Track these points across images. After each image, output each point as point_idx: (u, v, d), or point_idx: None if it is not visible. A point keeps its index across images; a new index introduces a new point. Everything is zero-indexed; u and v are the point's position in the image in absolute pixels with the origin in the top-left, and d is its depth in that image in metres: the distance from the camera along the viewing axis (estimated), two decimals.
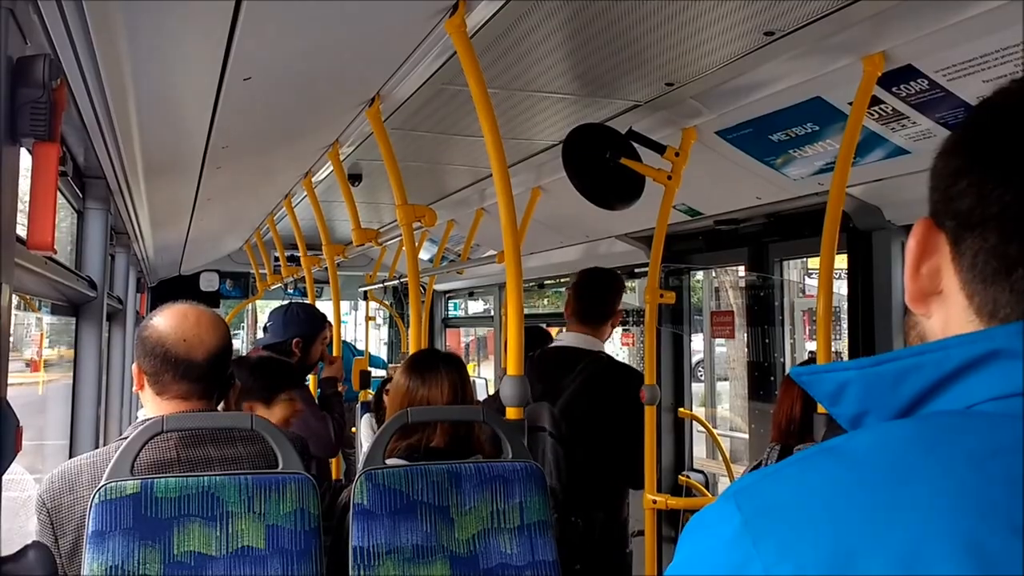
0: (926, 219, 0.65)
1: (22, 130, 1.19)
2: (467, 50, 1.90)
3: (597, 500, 2.96)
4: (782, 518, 0.53)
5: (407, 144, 3.24)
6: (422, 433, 2.17)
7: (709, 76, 2.37)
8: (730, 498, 0.56)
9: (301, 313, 3.76)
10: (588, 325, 3.14)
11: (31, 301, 2.91)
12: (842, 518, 0.51)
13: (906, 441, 0.55)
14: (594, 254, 4.35)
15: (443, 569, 1.87)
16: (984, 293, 0.60)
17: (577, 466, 2.86)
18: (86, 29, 1.55)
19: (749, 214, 3.27)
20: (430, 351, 2.53)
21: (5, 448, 1.17)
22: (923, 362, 0.58)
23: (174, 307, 1.94)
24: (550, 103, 2.72)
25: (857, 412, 0.62)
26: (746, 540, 0.52)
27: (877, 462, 0.54)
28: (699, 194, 3.16)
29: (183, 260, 7.07)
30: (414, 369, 2.27)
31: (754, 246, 3.54)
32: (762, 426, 3.40)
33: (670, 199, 2.75)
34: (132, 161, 2.77)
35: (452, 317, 7.85)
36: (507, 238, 2.01)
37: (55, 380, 4.20)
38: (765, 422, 3.32)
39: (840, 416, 0.63)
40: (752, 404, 3.65)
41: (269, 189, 4.35)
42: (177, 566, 1.67)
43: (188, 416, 1.85)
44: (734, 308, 4.39)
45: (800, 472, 0.56)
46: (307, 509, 1.78)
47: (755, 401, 3.62)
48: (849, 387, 0.62)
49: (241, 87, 2.19)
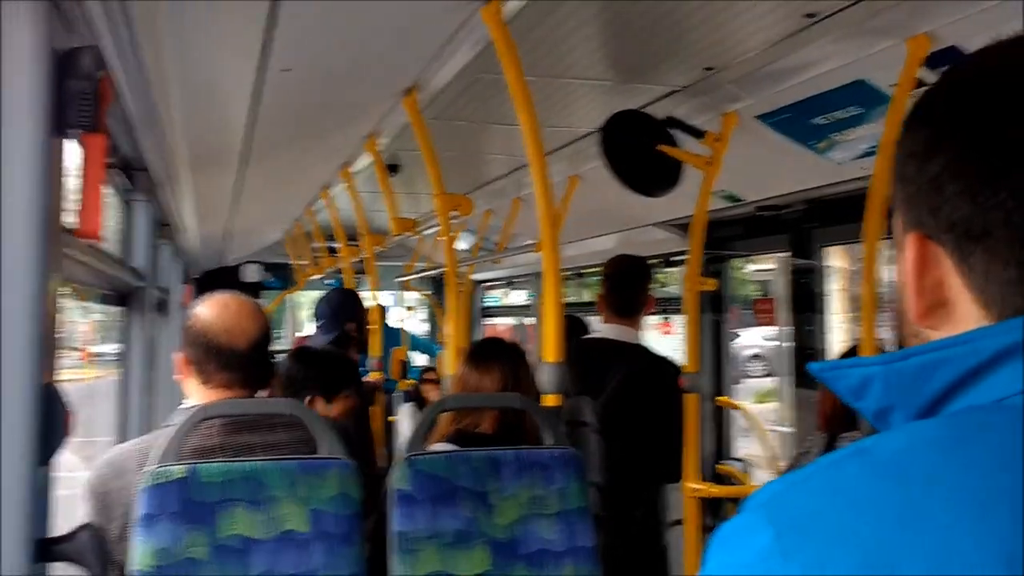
0: (917, 234, 0.60)
1: (69, 121, 1.22)
2: (503, 38, 1.90)
3: (637, 495, 2.96)
4: (813, 531, 0.51)
5: (444, 133, 3.25)
6: (472, 419, 2.22)
7: (749, 60, 2.34)
8: (758, 509, 0.54)
9: (345, 298, 3.80)
10: (625, 317, 3.14)
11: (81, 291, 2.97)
12: (873, 528, 0.49)
13: (936, 442, 0.53)
14: (632, 242, 4.32)
15: (483, 554, 1.89)
16: (1003, 300, 0.56)
17: (617, 461, 2.86)
18: (129, 20, 1.58)
19: (791, 200, 3.23)
20: (490, 341, 2.59)
21: (57, 431, 1.21)
22: (950, 355, 0.56)
23: (216, 297, 1.97)
24: (587, 90, 2.71)
25: (882, 407, 0.60)
26: (777, 555, 0.50)
27: (907, 467, 0.52)
28: (739, 180, 3.13)
29: (226, 251, 7.17)
30: (470, 358, 2.38)
31: (796, 232, 3.50)
32: (806, 415, 3.37)
33: (710, 185, 2.73)
34: (175, 153, 2.82)
35: (491, 306, 7.85)
36: (544, 227, 2.02)
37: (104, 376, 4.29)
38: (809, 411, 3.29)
39: (864, 411, 0.62)
40: (797, 392, 3.61)
41: (308, 180, 4.38)
42: (223, 549, 1.70)
43: (230, 402, 1.89)
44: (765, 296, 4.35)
45: (830, 479, 0.54)
46: (349, 494, 1.80)
47: (801, 389, 3.59)
48: (873, 382, 0.60)
49: (280, 78, 2.22)
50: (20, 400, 1.18)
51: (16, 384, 1.17)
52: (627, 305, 3.14)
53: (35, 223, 1.16)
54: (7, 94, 1.14)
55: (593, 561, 1.94)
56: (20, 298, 1.16)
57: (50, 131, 1.18)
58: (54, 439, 1.23)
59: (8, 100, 1.14)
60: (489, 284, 7.45)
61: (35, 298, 1.17)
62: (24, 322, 1.16)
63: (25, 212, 1.15)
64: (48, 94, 1.17)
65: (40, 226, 1.16)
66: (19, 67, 1.14)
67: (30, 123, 1.15)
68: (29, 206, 1.15)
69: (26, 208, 1.15)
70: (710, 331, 4.12)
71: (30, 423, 1.18)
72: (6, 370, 1.16)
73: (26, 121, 1.15)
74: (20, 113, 1.15)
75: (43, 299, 1.18)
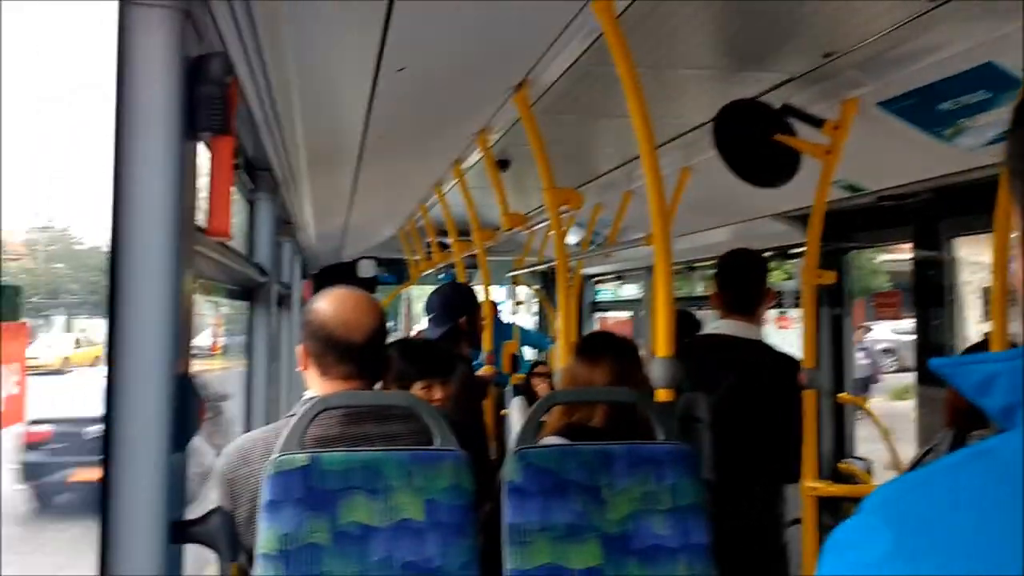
0: None
1: (200, 124, 1.29)
2: (614, 30, 1.90)
3: (750, 494, 2.90)
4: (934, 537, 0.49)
5: (554, 128, 3.25)
6: (583, 413, 2.22)
7: (870, 44, 2.26)
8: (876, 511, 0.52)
9: (457, 292, 3.85)
10: (741, 313, 3.07)
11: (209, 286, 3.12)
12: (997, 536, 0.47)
13: None
14: (747, 235, 4.23)
15: (595, 549, 1.89)
16: None
17: (732, 459, 2.81)
18: (254, 28, 1.65)
19: (915, 189, 3.10)
20: (600, 335, 2.59)
21: (191, 419, 1.27)
22: None
23: (334, 292, 2.04)
24: (700, 80, 2.66)
25: (1008, 404, 0.57)
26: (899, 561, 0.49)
27: None
28: (860, 169, 3.02)
29: (343, 247, 7.38)
30: (579, 351, 2.37)
31: (921, 222, 3.36)
32: (932, 412, 3.23)
33: (829, 175, 2.65)
34: (296, 152, 2.92)
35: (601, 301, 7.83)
36: (656, 220, 2.00)
37: None
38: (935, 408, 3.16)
39: (989, 408, 0.59)
40: (922, 389, 3.46)
41: (421, 176, 4.47)
42: (343, 535, 1.76)
43: (350, 394, 1.95)
44: None
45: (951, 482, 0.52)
46: (462, 485, 1.83)
47: (925, 386, 3.44)
48: (999, 379, 0.57)
49: (395, 78, 2.27)
50: (157, 390, 1.25)
51: (154, 374, 1.24)
52: (742, 300, 3.08)
53: (171, 222, 1.23)
54: (144, 100, 1.21)
55: (708, 559, 1.92)
56: (157, 293, 1.23)
57: (183, 134, 1.24)
58: (188, 427, 1.30)
59: (145, 105, 1.21)
60: (599, 278, 7.42)
61: (171, 293, 1.24)
62: (161, 316, 1.23)
63: (161, 211, 1.22)
64: (181, 99, 1.24)
65: (175, 225, 1.23)
66: (155, 74, 1.21)
67: (165, 127, 1.22)
68: (165, 206, 1.22)
69: (162, 208, 1.22)
70: (829, 326, 4.00)
71: (166, 412, 1.25)
72: (144, 361, 1.23)
73: (161, 125, 1.22)
74: (156, 118, 1.22)
75: (178, 294, 1.25)
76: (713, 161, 2.75)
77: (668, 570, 1.89)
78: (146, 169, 1.21)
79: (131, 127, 1.21)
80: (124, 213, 1.21)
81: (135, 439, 1.23)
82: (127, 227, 1.21)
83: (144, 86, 1.21)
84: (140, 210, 1.21)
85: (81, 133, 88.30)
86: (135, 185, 1.21)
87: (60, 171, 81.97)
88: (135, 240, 1.21)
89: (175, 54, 1.22)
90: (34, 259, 37.90)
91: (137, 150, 1.21)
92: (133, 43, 1.21)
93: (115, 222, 1.20)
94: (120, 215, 1.20)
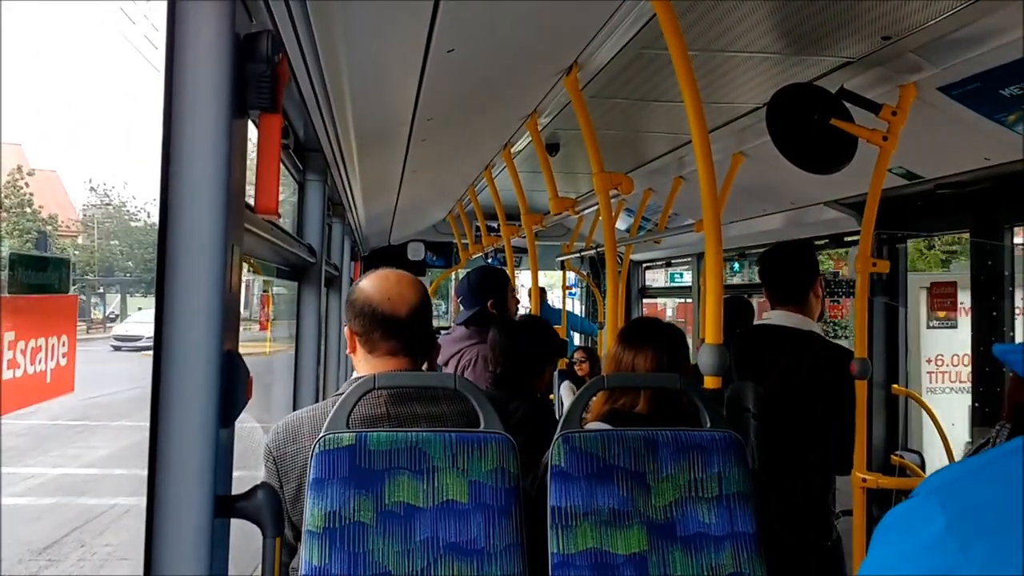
0: None
1: (249, 103, 1.30)
2: (667, 12, 1.87)
3: (797, 485, 2.86)
4: (991, 521, 0.48)
5: (604, 112, 3.23)
6: (627, 398, 2.21)
7: (931, 27, 2.19)
8: (931, 496, 0.52)
9: (484, 276, 3.89)
10: (790, 304, 3.03)
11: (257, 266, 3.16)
12: None
13: None
14: (799, 222, 4.16)
15: (640, 534, 1.88)
16: None
17: (780, 450, 2.77)
18: (304, 5, 1.65)
19: (975, 176, 3.01)
20: (644, 320, 2.57)
21: (238, 395, 1.29)
22: None
23: (376, 271, 2.06)
24: (753, 64, 2.62)
25: None
26: (952, 544, 0.49)
27: None
28: (918, 155, 2.94)
29: (392, 230, 7.43)
30: (623, 337, 2.35)
31: (981, 211, 3.26)
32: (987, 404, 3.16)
33: (885, 161, 2.59)
34: (346, 134, 2.94)
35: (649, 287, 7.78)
36: (706, 206, 1.97)
37: None
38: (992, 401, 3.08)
39: None
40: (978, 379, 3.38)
41: (470, 160, 4.47)
42: (388, 514, 1.77)
43: (397, 375, 1.96)
44: None
45: (1008, 468, 0.51)
46: (507, 468, 1.83)
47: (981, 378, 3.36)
48: None
49: (445, 59, 2.26)
50: (205, 366, 1.26)
51: (202, 351, 1.25)
52: (789, 292, 3.04)
53: (220, 198, 1.24)
54: (195, 77, 1.22)
55: (755, 548, 1.89)
56: (206, 269, 1.24)
57: (233, 112, 1.25)
58: (236, 402, 1.32)
59: (195, 82, 1.22)
60: (648, 264, 7.37)
61: (220, 270, 1.25)
62: (209, 292, 1.25)
63: (210, 188, 1.23)
64: (231, 77, 1.25)
65: (224, 201, 1.24)
66: (205, 51, 1.22)
67: (215, 104, 1.23)
68: (214, 182, 1.23)
69: (211, 184, 1.23)
70: (883, 315, 3.92)
71: (214, 387, 1.27)
72: (193, 337, 1.25)
73: (212, 102, 1.23)
74: (206, 94, 1.23)
75: (227, 271, 1.26)
76: (766, 147, 2.70)
77: (714, 558, 1.87)
78: (196, 146, 1.23)
79: (181, 104, 1.22)
80: (174, 189, 1.22)
81: (183, 414, 1.25)
82: (176, 203, 1.23)
83: (194, 64, 1.22)
84: (190, 186, 1.23)
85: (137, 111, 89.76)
86: (185, 162, 1.22)
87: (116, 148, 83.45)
88: (184, 216, 1.23)
89: (225, 32, 1.23)
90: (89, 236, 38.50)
91: (187, 127, 1.22)
92: (184, 21, 1.22)
93: (164, 198, 1.22)
94: (169, 191, 1.22)
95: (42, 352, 1.33)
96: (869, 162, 2.59)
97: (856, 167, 2.63)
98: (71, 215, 38.70)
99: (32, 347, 1.30)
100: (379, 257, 7.92)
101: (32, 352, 1.31)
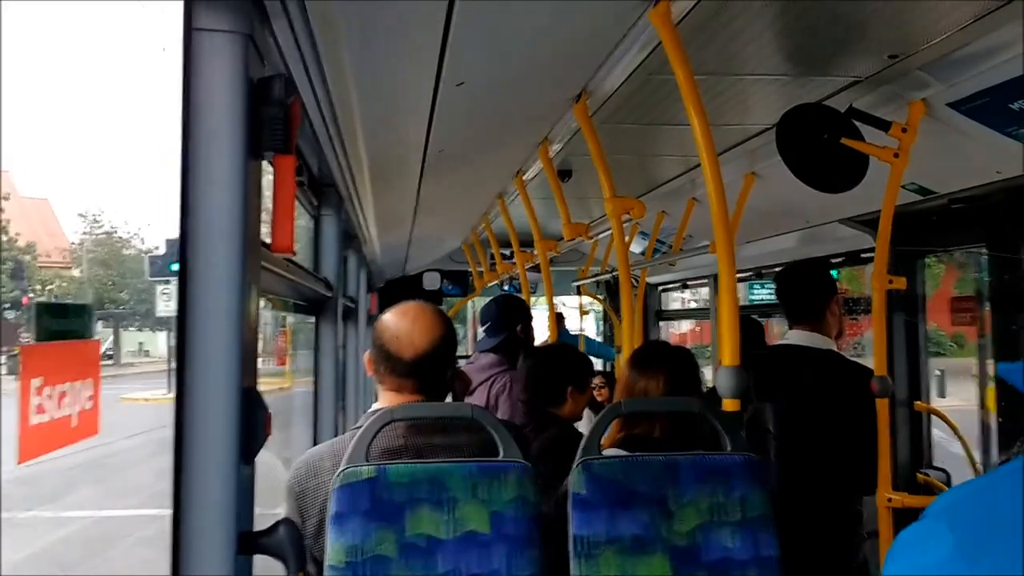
0: None
1: (264, 145, 1.32)
2: (673, 39, 1.88)
3: (820, 506, 2.83)
4: (997, 539, 0.49)
5: (615, 137, 3.24)
6: (643, 424, 2.20)
7: (938, 44, 2.20)
8: (939, 517, 0.53)
9: (511, 302, 3.91)
10: (806, 323, 3.03)
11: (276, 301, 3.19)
12: None
13: None
14: (814, 240, 4.15)
15: (663, 561, 1.87)
16: None
17: (802, 470, 2.75)
18: (315, 48, 1.68)
19: (988, 190, 3.00)
20: (654, 344, 2.57)
21: (258, 431, 1.30)
22: None
23: (401, 305, 2.06)
24: (761, 86, 2.63)
25: None
26: (960, 563, 0.49)
27: None
28: (930, 171, 2.94)
29: (407, 260, 7.46)
30: (634, 362, 2.34)
31: (996, 225, 3.25)
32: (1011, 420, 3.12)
33: (897, 178, 2.59)
34: (359, 169, 2.97)
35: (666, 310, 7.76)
36: (718, 227, 1.98)
37: None
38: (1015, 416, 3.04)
39: None
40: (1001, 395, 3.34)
41: (483, 189, 4.49)
42: (411, 548, 1.77)
43: (414, 406, 1.96)
44: None
45: (1013, 487, 0.52)
46: (527, 497, 1.83)
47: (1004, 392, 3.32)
48: None
49: (455, 92, 2.29)
50: (225, 403, 1.28)
51: (222, 388, 1.27)
52: (805, 311, 3.03)
53: (236, 238, 1.26)
54: (210, 120, 1.25)
55: (778, 572, 1.88)
56: (224, 308, 1.26)
57: (248, 154, 1.28)
58: (256, 439, 1.33)
59: (211, 125, 1.25)
60: (664, 287, 7.35)
61: (238, 308, 1.27)
62: (228, 331, 1.26)
63: (227, 228, 1.26)
64: (245, 120, 1.27)
65: (241, 241, 1.26)
66: (220, 95, 1.25)
67: (230, 146, 1.26)
68: (231, 223, 1.26)
69: (228, 225, 1.26)
70: (903, 331, 3.89)
71: (234, 424, 1.28)
72: (213, 375, 1.27)
73: (227, 144, 1.26)
74: (221, 137, 1.26)
75: (245, 309, 1.28)
76: (777, 167, 2.71)
77: None
78: (212, 188, 1.25)
79: (197, 148, 1.25)
80: (192, 231, 1.25)
81: (205, 451, 1.26)
82: (195, 244, 1.25)
83: (209, 109, 1.25)
84: (207, 227, 1.25)
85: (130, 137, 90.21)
86: (202, 203, 1.25)
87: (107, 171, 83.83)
88: (202, 257, 1.25)
89: (239, 77, 1.26)
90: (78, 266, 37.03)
91: (203, 171, 1.25)
92: (199, 67, 1.25)
93: (183, 240, 1.24)
94: (188, 233, 1.24)
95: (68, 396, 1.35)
96: (882, 179, 2.59)
97: (869, 184, 2.63)
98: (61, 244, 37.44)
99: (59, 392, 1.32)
100: (395, 288, 7.95)
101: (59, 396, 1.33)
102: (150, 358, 36.10)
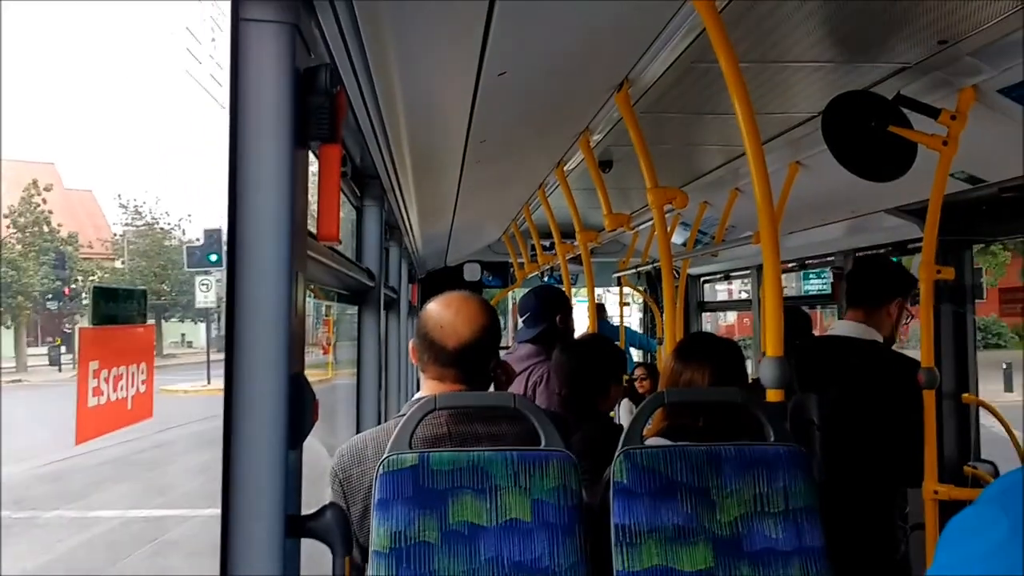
0: None
1: (310, 134, 1.34)
2: (717, 25, 1.87)
3: (864, 498, 2.80)
4: None
5: (657, 127, 3.23)
6: (686, 415, 2.20)
7: (989, 29, 2.15)
8: (993, 501, 0.52)
9: (549, 293, 3.92)
10: (861, 310, 2.99)
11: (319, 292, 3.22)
12: None
13: None
14: (860, 230, 4.10)
15: (706, 551, 1.86)
16: None
17: (845, 462, 2.72)
18: (359, 38, 1.70)
19: None
20: (700, 335, 2.56)
21: (305, 417, 1.32)
22: None
23: (448, 294, 2.08)
24: (806, 73, 2.60)
25: None
26: (1016, 547, 0.49)
27: None
28: (980, 160, 2.88)
29: (448, 251, 7.49)
30: (678, 353, 2.34)
31: None
32: None
33: (946, 167, 2.54)
34: (401, 160, 2.99)
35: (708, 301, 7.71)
36: (763, 218, 1.96)
37: None
38: None
39: None
40: None
41: (524, 179, 4.49)
42: (453, 534, 1.79)
43: (457, 395, 1.98)
44: None
45: None
46: (569, 486, 1.84)
47: None
48: None
49: (496, 82, 2.29)
50: (273, 389, 1.30)
51: (270, 374, 1.29)
52: (864, 297, 3.01)
53: (284, 227, 1.28)
54: (258, 109, 1.27)
55: (823, 562, 1.86)
56: (273, 296, 1.28)
57: (294, 143, 1.30)
58: (303, 424, 1.35)
59: (258, 115, 1.27)
60: (706, 278, 7.30)
61: (286, 296, 1.29)
62: (276, 317, 1.29)
63: (275, 217, 1.28)
64: (292, 110, 1.29)
65: (288, 229, 1.28)
66: (268, 85, 1.27)
67: (278, 135, 1.28)
68: (278, 211, 1.28)
69: (276, 213, 1.28)
70: (951, 322, 3.82)
71: (282, 410, 1.30)
72: (261, 362, 1.29)
73: (274, 134, 1.28)
74: (269, 126, 1.27)
75: (292, 297, 1.30)
76: (823, 156, 2.67)
77: (782, 574, 1.85)
78: (260, 177, 1.27)
79: (246, 138, 1.27)
80: (241, 219, 1.27)
81: (253, 437, 1.28)
82: (243, 232, 1.27)
83: (257, 98, 1.27)
84: (256, 215, 1.27)
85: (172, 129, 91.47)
86: (250, 193, 1.27)
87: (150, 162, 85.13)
88: (251, 245, 1.27)
89: (286, 67, 1.27)
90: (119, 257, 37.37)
91: (252, 160, 1.27)
92: (247, 57, 1.27)
93: (232, 228, 1.26)
94: (237, 222, 1.26)
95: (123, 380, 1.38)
96: (930, 167, 2.55)
97: (916, 173, 2.59)
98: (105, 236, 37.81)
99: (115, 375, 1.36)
100: (436, 278, 7.99)
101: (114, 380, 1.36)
102: (193, 349, 36.59)
